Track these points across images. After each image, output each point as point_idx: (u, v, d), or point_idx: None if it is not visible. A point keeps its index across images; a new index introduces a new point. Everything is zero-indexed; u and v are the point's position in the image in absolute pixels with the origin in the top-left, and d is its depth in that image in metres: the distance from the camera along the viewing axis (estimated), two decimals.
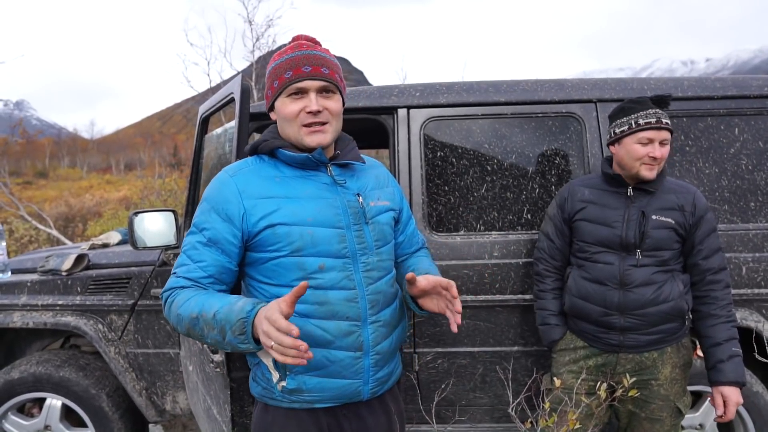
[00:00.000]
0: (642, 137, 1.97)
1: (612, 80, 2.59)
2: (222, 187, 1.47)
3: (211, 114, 2.64)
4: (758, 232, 2.41)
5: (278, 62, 1.47)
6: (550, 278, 2.20)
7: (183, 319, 1.35)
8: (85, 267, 2.89)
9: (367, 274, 1.48)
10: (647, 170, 1.97)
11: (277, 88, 1.46)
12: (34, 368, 2.76)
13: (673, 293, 1.97)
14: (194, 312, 1.32)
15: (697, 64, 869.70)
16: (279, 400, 1.51)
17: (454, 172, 2.51)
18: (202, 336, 1.33)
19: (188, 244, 1.46)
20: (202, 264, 1.42)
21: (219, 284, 1.45)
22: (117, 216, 12.63)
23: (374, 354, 1.50)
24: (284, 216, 1.42)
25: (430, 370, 2.49)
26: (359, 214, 1.49)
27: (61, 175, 46.77)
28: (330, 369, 1.46)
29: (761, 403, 2.40)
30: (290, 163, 1.49)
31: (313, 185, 1.48)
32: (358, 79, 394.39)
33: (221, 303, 1.30)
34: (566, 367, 2.13)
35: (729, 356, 1.95)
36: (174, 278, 1.44)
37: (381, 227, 1.54)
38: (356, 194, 1.51)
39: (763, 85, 2.49)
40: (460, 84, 2.58)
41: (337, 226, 1.46)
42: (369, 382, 1.51)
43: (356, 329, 1.46)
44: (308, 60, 1.44)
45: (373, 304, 1.49)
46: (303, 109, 1.44)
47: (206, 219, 1.45)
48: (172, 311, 1.39)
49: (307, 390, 1.47)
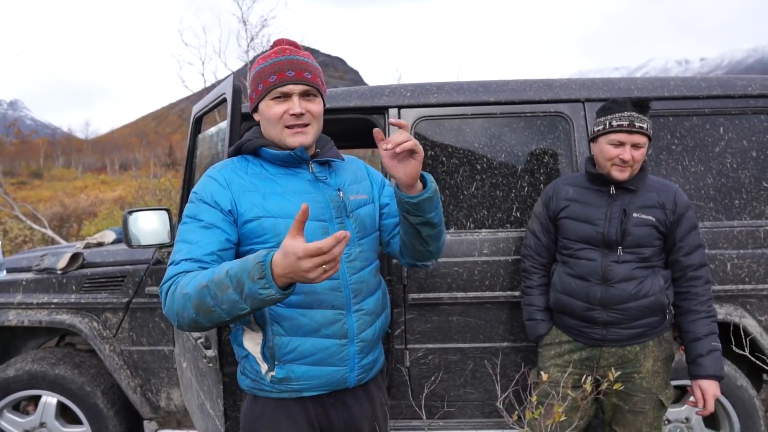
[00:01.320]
0: (613, 139, 2.01)
1: (599, 80, 2.63)
2: (209, 180, 1.51)
3: (204, 114, 2.67)
4: (742, 229, 2.46)
5: (262, 66, 1.53)
6: (536, 275, 2.24)
7: (190, 297, 1.28)
8: (80, 265, 2.91)
9: (350, 264, 1.54)
10: (617, 171, 2.01)
11: (261, 92, 1.52)
12: (30, 366, 2.78)
13: (653, 288, 2.01)
14: (204, 281, 1.27)
15: (691, 64, 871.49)
16: (268, 391, 1.55)
17: (444, 170, 2.55)
18: (214, 308, 1.25)
19: (183, 232, 1.45)
20: (203, 242, 1.41)
21: (221, 262, 1.40)
22: (112, 216, 12.62)
23: (359, 341, 1.56)
24: (270, 209, 1.47)
25: (422, 366, 2.53)
26: (341, 207, 1.56)
27: (56, 175, 46.58)
28: (317, 356, 1.51)
29: (745, 396, 2.45)
30: (273, 161, 1.55)
31: (297, 182, 1.54)
32: (353, 78, 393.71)
33: (232, 263, 1.27)
34: (552, 360, 2.17)
35: (708, 351, 2.00)
36: (172, 267, 1.40)
37: (362, 219, 1.60)
38: (337, 189, 1.58)
39: (747, 85, 2.53)
40: (451, 84, 2.62)
41: (321, 219, 1.51)
42: (355, 369, 1.57)
43: (341, 317, 1.52)
44: (291, 65, 1.50)
45: (356, 293, 1.55)
46: (286, 112, 1.50)
47: (197, 209, 1.47)
48: (177, 296, 1.32)
49: (296, 378, 1.52)
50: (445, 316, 2.51)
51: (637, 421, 2.10)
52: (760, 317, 2.45)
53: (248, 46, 11.84)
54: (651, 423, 2.10)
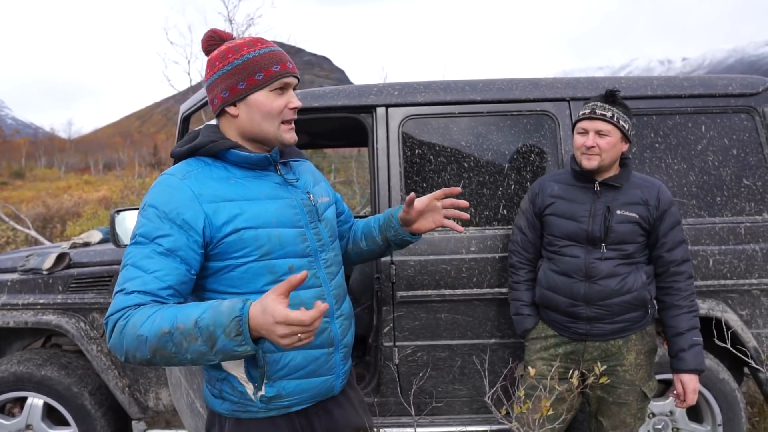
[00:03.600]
0: (578, 127, 2.09)
1: (585, 79, 2.67)
2: (173, 192, 1.31)
3: (192, 112, 2.66)
4: (724, 226, 2.51)
5: (256, 54, 1.37)
6: (523, 270, 2.27)
7: (147, 341, 1.14)
8: (66, 265, 2.89)
9: (328, 269, 1.49)
10: (585, 159, 2.06)
11: (261, 81, 1.36)
12: (15, 367, 2.75)
13: (636, 284, 2.05)
14: (165, 327, 1.13)
15: (674, 64, 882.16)
16: (254, 412, 1.43)
17: (431, 169, 2.57)
18: (176, 354, 1.13)
19: (137, 255, 1.26)
20: (160, 274, 1.24)
21: (178, 297, 1.27)
22: (96, 216, 12.48)
23: (343, 347, 1.52)
24: (249, 219, 1.35)
25: (410, 362, 2.55)
26: (313, 212, 1.48)
27: (38, 176, 45.94)
28: (308, 368, 1.45)
29: (727, 390, 2.50)
30: (240, 164, 1.41)
31: (268, 186, 1.42)
32: (339, 78, 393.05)
33: (200, 309, 1.14)
34: (537, 354, 2.20)
35: (690, 345, 2.04)
36: (122, 296, 1.22)
37: (331, 223, 1.56)
38: (306, 192, 1.50)
39: (728, 85, 2.58)
40: (438, 83, 2.64)
41: (298, 226, 1.43)
42: (340, 376, 1.53)
43: (327, 325, 1.47)
44: (286, 57, 1.41)
45: (337, 299, 1.51)
46: (287, 105, 1.40)
47: (158, 227, 1.28)
48: (128, 334, 1.16)
49: (287, 394, 1.43)
50: (434, 314, 2.53)
51: (621, 413, 2.14)
52: (741, 312, 2.51)
53: None
54: (635, 414, 2.15)
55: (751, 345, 2.45)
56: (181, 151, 1.42)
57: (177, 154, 1.43)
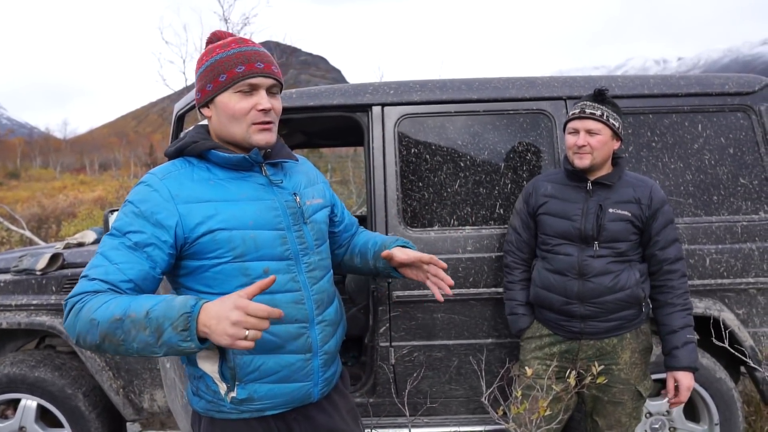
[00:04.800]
0: (569, 127, 2.10)
1: (581, 78, 2.66)
2: (150, 192, 1.33)
3: (186, 111, 2.65)
4: (720, 225, 2.50)
5: (223, 55, 1.36)
6: (518, 270, 2.27)
7: (98, 325, 1.16)
8: (60, 266, 2.86)
9: (311, 274, 1.46)
10: (577, 159, 2.06)
11: (224, 83, 1.35)
12: (8, 369, 2.73)
13: (629, 282, 2.05)
14: (117, 314, 1.15)
15: (669, 63, 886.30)
16: (227, 412, 1.42)
17: (428, 168, 2.56)
18: (123, 342, 1.16)
19: (107, 245, 1.30)
20: (124, 266, 1.26)
21: (137, 292, 1.28)
22: (92, 216, 12.44)
23: (323, 354, 1.48)
24: (224, 221, 1.34)
25: (406, 363, 2.54)
26: (297, 214, 1.46)
27: (34, 176, 45.79)
28: (281, 374, 1.41)
29: (724, 388, 2.50)
30: (223, 165, 1.40)
31: (250, 187, 1.41)
32: (335, 77, 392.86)
33: (154, 301, 1.16)
34: (533, 353, 2.20)
35: (683, 343, 2.04)
36: (85, 281, 1.25)
37: (318, 226, 1.52)
38: (293, 194, 1.47)
39: (724, 83, 2.58)
40: (434, 82, 2.63)
41: (278, 228, 1.41)
42: (319, 383, 1.49)
43: (305, 331, 1.44)
44: (259, 56, 1.36)
45: (319, 304, 1.47)
46: (254, 107, 1.36)
47: (131, 222, 1.31)
48: (82, 317, 1.19)
49: (258, 398, 1.41)
50: (430, 314, 2.52)
51: (616, 412, 2.14)
52: (738, 311, 2.50)
53: None
54: (630, 413, 2.14)
55: (747, 344, 2.45)
56: (170, 150, 1.44)
57: (168, 153, 1.46)
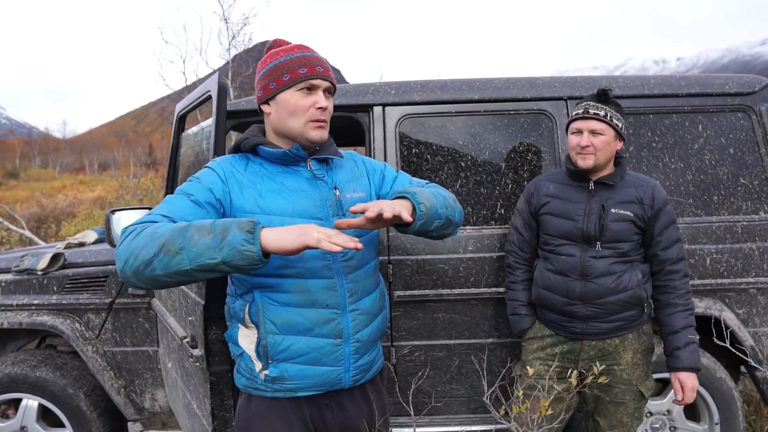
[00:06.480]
0: (572, 128, 2.09)
1: (582, 78, 2.66)
2: (209, 171, 1.52)
3: (188, 112, 2.65)
4: (721, 225, 2.51)
5: (287, 58, 1.52)
6: (519, 270, 2.27)
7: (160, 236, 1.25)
8: (61, 266, 2.87)
9: (346, 263, 1.54)
10: (581, 159, 2.06)
11: (287, 82, 1.51)
12: (10, 369, 2.73)
13: (631, 282, 2.05)
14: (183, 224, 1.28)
15: (668, 63, 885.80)
16: (262, 390, 1.55)
17: (429, 168, 2.56)
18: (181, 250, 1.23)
19: (170, 198, 1.46)
20: (185, 211, 1.40)
21: None
22: (91, 216, 12.43)
23: (354, 341, 1.55)
24: (266, 206, 1.48)
25: (408, 362, 2.54)
26: (337, 206, 1.55)
27: (33, 176, 45.77)
28: (310, 356, 1.50)
29: (724, 388, 2.50)
30: (272, 159, 1.56)
31: (295, 180, 1.54)
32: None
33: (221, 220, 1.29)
34: (534, 354, 2.20)
35: (685, 343, 2.04)
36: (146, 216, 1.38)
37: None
38: (333, 187, 1.58)
39: (725, 83, 2.58)
40: (435, 82, 2.63)
41: (317, 217, 1.51)
42: (350, 369, 1.56)
43: (336, 317, 1.52)
44: (319, 62, 1.54)
45: (352, 293, 1.54)
46: (313, 105, 1.51)
47: (192, 187, 1.48)
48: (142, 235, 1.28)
49: (289, 378, 1.51)
50: (431, 313, 2.52)
51: (618, 412, 2.14)
52: (738, 310, 2.51)
53: (230, 44, 11.77)
54: (632, 413, 2.14)
55: (748, 343, 2.46)
56: (231, 147, 1.63)
57: (230, 150, 1.64)
